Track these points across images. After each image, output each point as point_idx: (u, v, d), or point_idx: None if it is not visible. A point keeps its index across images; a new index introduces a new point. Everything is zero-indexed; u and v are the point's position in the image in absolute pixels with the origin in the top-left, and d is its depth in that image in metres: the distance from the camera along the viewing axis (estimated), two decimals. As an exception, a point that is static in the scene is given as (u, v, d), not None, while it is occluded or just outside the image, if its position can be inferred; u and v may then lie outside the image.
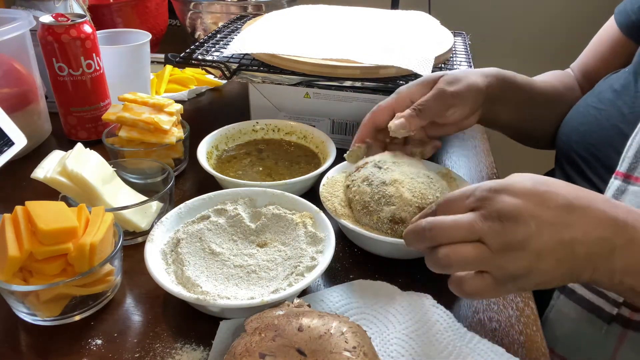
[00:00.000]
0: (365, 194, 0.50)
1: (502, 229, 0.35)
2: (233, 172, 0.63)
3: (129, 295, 0.48)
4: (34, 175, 0.50)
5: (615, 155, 0.50)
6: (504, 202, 0.36)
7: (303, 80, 0.68)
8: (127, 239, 0.53)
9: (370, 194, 0.50)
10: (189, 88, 0.91)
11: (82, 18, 0.66)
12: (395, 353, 0.41)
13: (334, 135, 0.72)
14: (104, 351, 0.41)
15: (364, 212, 0.50)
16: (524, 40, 1.71)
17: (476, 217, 0.37)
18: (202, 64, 0.71)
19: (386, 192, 0.49)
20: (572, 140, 0.60)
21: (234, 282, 0.45)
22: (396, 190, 0.49)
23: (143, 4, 1.01)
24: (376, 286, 0.48)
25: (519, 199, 0.36)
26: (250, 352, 0.35)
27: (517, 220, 0.35)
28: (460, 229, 0.37)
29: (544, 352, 0.43)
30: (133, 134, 0.62)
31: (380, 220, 0.49)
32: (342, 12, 0.89)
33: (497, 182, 0.38)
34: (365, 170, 0.53)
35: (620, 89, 0.56)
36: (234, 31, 0.85)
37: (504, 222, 0.35)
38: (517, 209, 0.36)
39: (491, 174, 0.69)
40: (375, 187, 0.50)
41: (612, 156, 0.51)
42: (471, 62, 0.73)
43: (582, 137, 0.58)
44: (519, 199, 0.36)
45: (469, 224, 0.36)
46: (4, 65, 0.66)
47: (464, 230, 0.37)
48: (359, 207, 0.51)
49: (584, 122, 0.59)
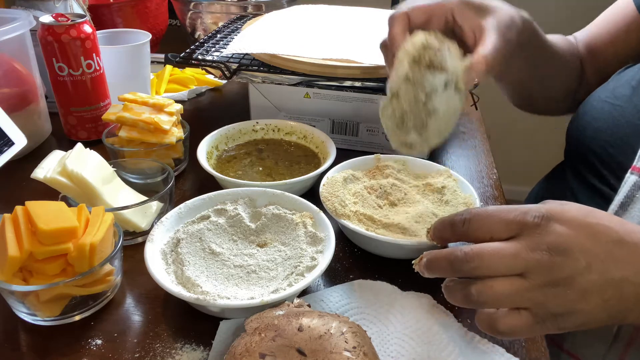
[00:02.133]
0: None
1: (550, 264, 0.32)
2: (233, 172, 0.63)
3: (129, 295, 0.48)
4: (34, 175, 0.50)
5: (630, 151, 0.49)
6: (555, 233, 0.33)
7: (303, 80, 0.68)
8: (127, 239, 0.53)
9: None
10: (189, 88, 0.91)
11: (82, 18, 0.66)
12: (395, 353, 0.41)
13: (334, 135, 0.72)
14: (104, 351, 0.41)
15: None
16: (524, 40, 1.70)
17: (521, 248, 0.33)
18: (202, 64, 0.71)
19: None
20: (585, 135, 0.58)
21: (234, 282, 0.45)
22: None
23: (143, 4, 1.01)
24: (376, 286, 0.47)
25: (571, 230, 0.33)
26: (250, 352, 0.35)
27: (567, 254, 0.32)
28: (503, 262, 0.33)
29: (544, 352, 0.43)
30: (133, 134, 0.62)
31: None
32: (342, 12, 0.89)
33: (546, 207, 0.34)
34: None
35: (636, 85, 0.55)
36: (234, 31, 0.85)
37: (554, 255, 0.32)
38: (569, 242, 0.33)
39: (491, 174, 0.69)
40: None
41: (626, 153, 0.50)
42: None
43: (595, 133, 0.57)
44: (571, 230, 0.33)
45: (513, 256, 0.33)
46: (4, 65, 0.66)
47: (506, 263, 0.33)
48: None
49: (598, 117, 0.57)
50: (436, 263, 0.36)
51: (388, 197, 0.56)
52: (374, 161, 0.61)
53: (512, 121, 1.89)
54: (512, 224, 0.34)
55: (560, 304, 0.33)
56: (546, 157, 0.92)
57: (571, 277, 0.32)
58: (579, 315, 0.33)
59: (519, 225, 0.34)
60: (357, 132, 0.71)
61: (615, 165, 0.53)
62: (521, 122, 1.90)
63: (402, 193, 0.56)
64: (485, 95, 0.81)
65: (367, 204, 0.54)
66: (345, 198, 0.53)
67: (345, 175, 0.57)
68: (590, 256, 0.33)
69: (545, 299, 0.33)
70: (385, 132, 0.45)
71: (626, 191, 0.46)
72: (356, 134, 0.72)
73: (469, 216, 0.36)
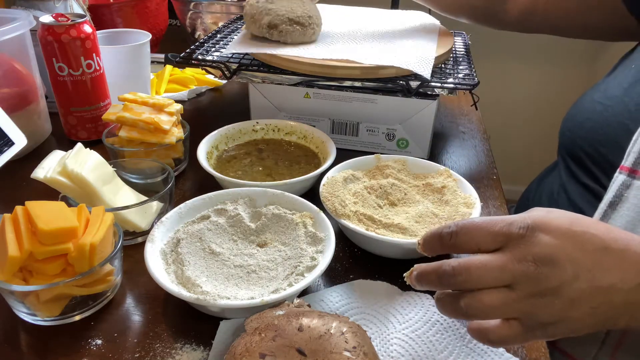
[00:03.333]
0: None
1: (537, 275, 0.33)
2: (233, 172, 0.63)
3: (129, 295, 0.48)
4: (34, 175, 0.50)
5: (620, 151, 0.49)
6: (541, 244, 0.33)
7: (303, 80, 0.68)
8: (127, 239, 0.53)
9: None
10: (189, 88, 0.91)
11: (82, 18, 0.66)
12: (395, 353, 0.41)
13: (334, 135, 0.72)
14: (104, 351, 0.41)
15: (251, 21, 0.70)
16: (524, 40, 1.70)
17: (508, 259, 0.33)
18: (202, 64, 0.71)
19: None
20: (577, 135, 0.59)
21: (234, 282, 0.45)
22: None
23: (143, 4, 1.01)
24: (376, 286, 0.48)
25: (557, 240, 0.33)
26: (250, 352, 0.35)
27: (554, 264, 0.33)
28: (490, 275, 0.33)
29: (544, 352, 0.43)
30: (133, 134, 0.62)
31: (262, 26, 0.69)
32: (342, 12, 0.89)
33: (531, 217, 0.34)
34: None
35: (628, 86, 0.56)
36: (234, 31, 0.85)
37: (540, 266, 0.33)
38: (555, 252, 0.33)
39: (491, 174, 0.69)
40: None
41: (617, 152, 0.50)
42: (471, 62, 0.73)
43: (587, 133, 0.58)
44: (557, 240, 0.33)
45: (500, 268, 0.33)
46: (4, 65, 0.66)
47: (494, 275, 0.33)
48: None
49: (590, 118, 0.58)
50: (426, 277, 0.36)
51: (388, 197, 0.56)
52: (374, 161, 0.61)
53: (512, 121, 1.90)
54: (498, 236, 0.34)
55: (549, 314, 0.33)
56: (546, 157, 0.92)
57: (559, 286, 0.33)
58: (569, 323, 0.33)
59: (505, 236, 0.34)
60: (357, 132, 0.72)
61: (607, 165, 0.53)
62: (521, 122, 1.91)
63: (402, 193, 0.56)
64: (485, 95, 0.81)
65: (367, 204, 0.54)
66: (346, 198, 0.53)
67: (345, 175, 0.57)
68: (577, 265, 0.33)
69: (534, 309, 0.33)
70: None
71: (615, 190, 0.46)
72: (356, 134, 0.72)
73: (456, 229, 0.36)
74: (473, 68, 0.70)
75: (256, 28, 0.70)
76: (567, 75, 1.81)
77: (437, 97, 0.67)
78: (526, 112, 1.90)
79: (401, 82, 0.65)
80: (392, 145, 0.71)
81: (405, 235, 0.49)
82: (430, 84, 0.64)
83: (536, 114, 1.88)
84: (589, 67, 1.78)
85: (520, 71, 1.84)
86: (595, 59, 1.76)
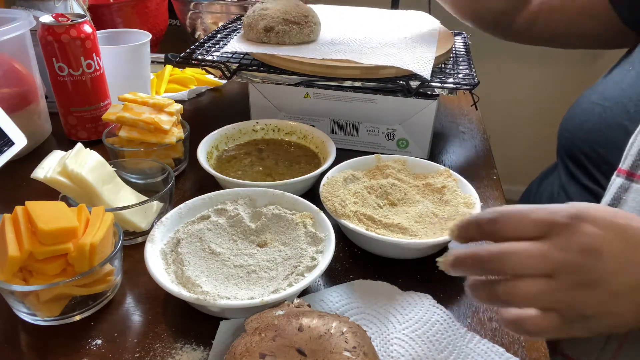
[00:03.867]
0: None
1: (581, 265, 0.32)
2: (233, 172, 0.63)
3: (129, 295, 0.48)
4: (34, 175, 0.50)
5: (619, 153, 0.49)
6: (586, 234, 0.32)
7: (303, 80, 0.68)
8: (127, 239, 0.53)
9: None
10: (189, 88, 0.91)
11: (82, 18, 0.66)
12: (395, 353, 0.41)
13: (334, 135, 0.72)
14: (104, 351, 0.41)
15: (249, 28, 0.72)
16: (524, 40, 1.71)
17: (550, 248, 0.32)
18: (202, 64, 0.71)
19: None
20: (576, 137, 0.59)
21: (234, 282, 0.45)
22: None
23: (143, 4, 1.01)
24: (376, 286, 0.48)
25: (601, 231, 0.32)
26: (250, 352, 0.35)
27: (598, 255, 0.32)
28: (531, 263, 0.32)
29: (544, 352, 0.43)
30: (133, 134, 0.62)
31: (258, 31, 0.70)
32: (342, 12, 0.89)
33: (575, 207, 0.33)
34: None
35: (626, 87, 0.56)
36: (234, 31, 0.85)
37: (585, 256, 0.32)
38: (600, 243, 0.32)
39: (491, 174, 0.69)
40: None
41: (616, 154, 0.50)
42: (471, 62, 0.73)
43: (586, 135, 0.58)
44: (601, 231, 0.32)
45: (542, 256, 0.32)
46: (4, 65, 0.66)
47: (535, 263, 0.32)
48: None
49: (589, 119, 0.58)
50: (462, 262, 0.35)
51: (388, 197, 0.56)
52: (374, 161, 0.61)
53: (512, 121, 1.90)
54: (540, 224, 0.33)
55: (590, 306, 0.32)
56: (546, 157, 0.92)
57: (602, 279, 0.32)
58: (610, 318, 0.33)
59: (548, 224, 0.33)
60: (357, 132, 0.72)
61: (605, 166, 0.53)
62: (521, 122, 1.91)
63: (402, 193, 0.56)
64: (485, 95, 0.81)
65: (367, 204, 0.54)
66: (346, 198, 0.53)
67: (345, 175, 0.57)
68: (621, 258, 0.32)
69: (575, 301, 0.32)
70: None
71: (613, 193, 0.46)
72: (356, 134, 0.72)
73: (496, 215, 0.35)
74: (473, 68, 0.70)
75: (254, 34, 0.71)
76: (567, 75, 1.80)
77: (437, 97, 0.67)
78: (526, 112, 1.90)
79: (401, 82, 0.65)
80: (392, 145, 0.71)
81: (405, 235, 0.49)
82: (430, 84, 0.64)
83: (536, 114, 1.88)
84: (588, 67, 1.78)
85: (520, 71, 1.84)
86: (595, 59, 1.76)
